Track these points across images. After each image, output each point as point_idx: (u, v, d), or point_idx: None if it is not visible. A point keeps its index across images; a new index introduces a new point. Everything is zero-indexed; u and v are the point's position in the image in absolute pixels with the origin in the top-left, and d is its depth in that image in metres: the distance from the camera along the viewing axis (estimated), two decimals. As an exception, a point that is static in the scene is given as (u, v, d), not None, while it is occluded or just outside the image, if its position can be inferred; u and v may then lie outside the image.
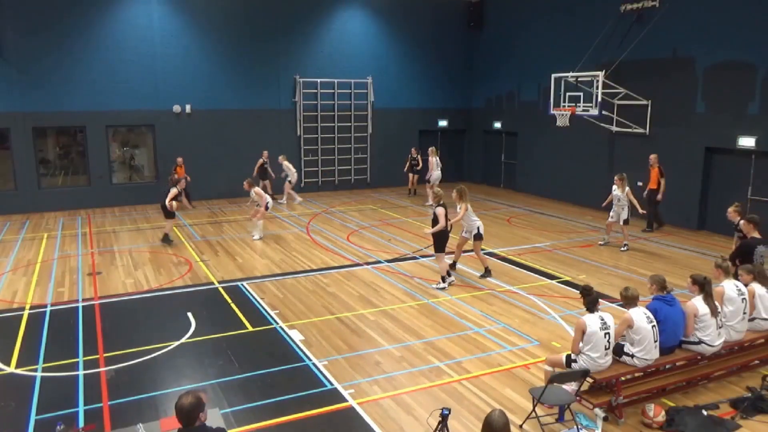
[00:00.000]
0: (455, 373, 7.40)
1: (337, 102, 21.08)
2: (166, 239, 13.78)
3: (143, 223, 16.17)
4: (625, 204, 13.04)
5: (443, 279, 10.68)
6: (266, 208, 14.15)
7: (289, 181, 18.84)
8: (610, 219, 13.48)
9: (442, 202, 10.55)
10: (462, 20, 22.53)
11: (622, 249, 13.13)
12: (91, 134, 18.05)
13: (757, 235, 8.87)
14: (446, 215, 10.42)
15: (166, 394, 6.83)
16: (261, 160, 18.65)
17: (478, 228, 11.08)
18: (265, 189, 17.80)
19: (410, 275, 11.44)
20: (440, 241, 10.51)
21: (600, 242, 13.73)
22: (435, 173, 18.40)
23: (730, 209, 9.75)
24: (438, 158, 18.55)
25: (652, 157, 14.82)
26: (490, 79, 22.30)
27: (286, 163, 18.78)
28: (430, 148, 18.74)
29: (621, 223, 13.14)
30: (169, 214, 13.67)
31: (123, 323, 9.16)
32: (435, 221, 10.41)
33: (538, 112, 19.51)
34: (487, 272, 11.27)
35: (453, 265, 11.59)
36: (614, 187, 13.22)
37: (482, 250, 11.55)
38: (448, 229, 10.60)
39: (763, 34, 13.36)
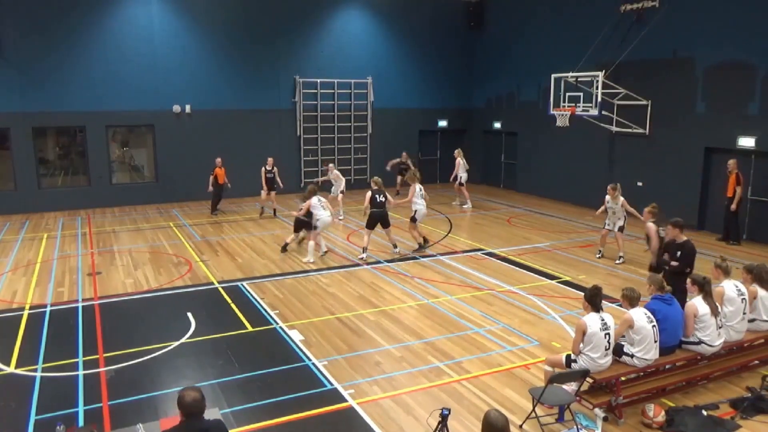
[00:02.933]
0: (455, 373, 7.40)
1: (337, 102, 21.08)
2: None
3: (143, 223, 16.17)
4: (621, 215, 12.21)
5: (363, 250, 12.50)
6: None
7: (342, 191, 16.95)
8: (605, 227, 12.54)
9: (375, 187, 12.63)
10: (462, 20, 22.52)
11: (617, 262, 12.27)
12: (90, 134, 18.05)
13: (684, 237, 8.57)
14: (371, 198, 12.43)
15: (166, 394, 6.83)
16: (264, 168, 16.83)
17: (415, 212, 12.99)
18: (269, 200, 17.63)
19: (410, 275, 11.44)
20: (367, 220, 12.66)
21: (597, 255, 12.84)
22: (463, 174, 18.13)
23: None
24: (464, 160, 18.25)
25: (731, 162, 13.50)
26: (490, 79, 22.30)
27: (336, 172, 17.22)
28: (456, 150, 18.64)
29: (616, 230, 12.23)
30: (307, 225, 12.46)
31: (123, 323, 9.16)
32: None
33: (538, 112, 19.52)
34: (424, 242, 13.06)
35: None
36: (607, 197, 12.24)
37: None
38: (368, 210, 12.63)
39: (763, 34, 13.36)
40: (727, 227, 14.07)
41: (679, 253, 8.43)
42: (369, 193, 12.57)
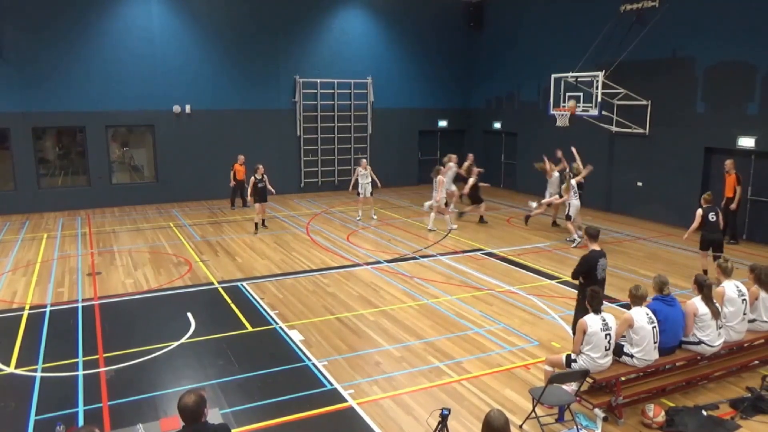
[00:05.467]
0: (455, 373, 7.41)
1: (337, 102, 21.07)
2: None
3: (143, 223, 16.17)
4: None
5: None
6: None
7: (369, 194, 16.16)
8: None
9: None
10: (462, 20, 22.52)
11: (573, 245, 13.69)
12: (90, 134, 18.04)
13: (596, 247, 8.03)
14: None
15: (166, 394, 6.84)
16: (253, 178, 14.89)
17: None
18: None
19: (410, 275, 11.44)
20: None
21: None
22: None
23: None
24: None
25: (728, 162, 13.45)
26: (489, 79, 22.30)
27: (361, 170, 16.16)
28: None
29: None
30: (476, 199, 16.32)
31: (123, 323, 9.16)
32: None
33: (538, 112, 19.51)
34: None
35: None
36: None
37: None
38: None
39: (763, 34, 13.36)
40: (726, 227, 14.03)
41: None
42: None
